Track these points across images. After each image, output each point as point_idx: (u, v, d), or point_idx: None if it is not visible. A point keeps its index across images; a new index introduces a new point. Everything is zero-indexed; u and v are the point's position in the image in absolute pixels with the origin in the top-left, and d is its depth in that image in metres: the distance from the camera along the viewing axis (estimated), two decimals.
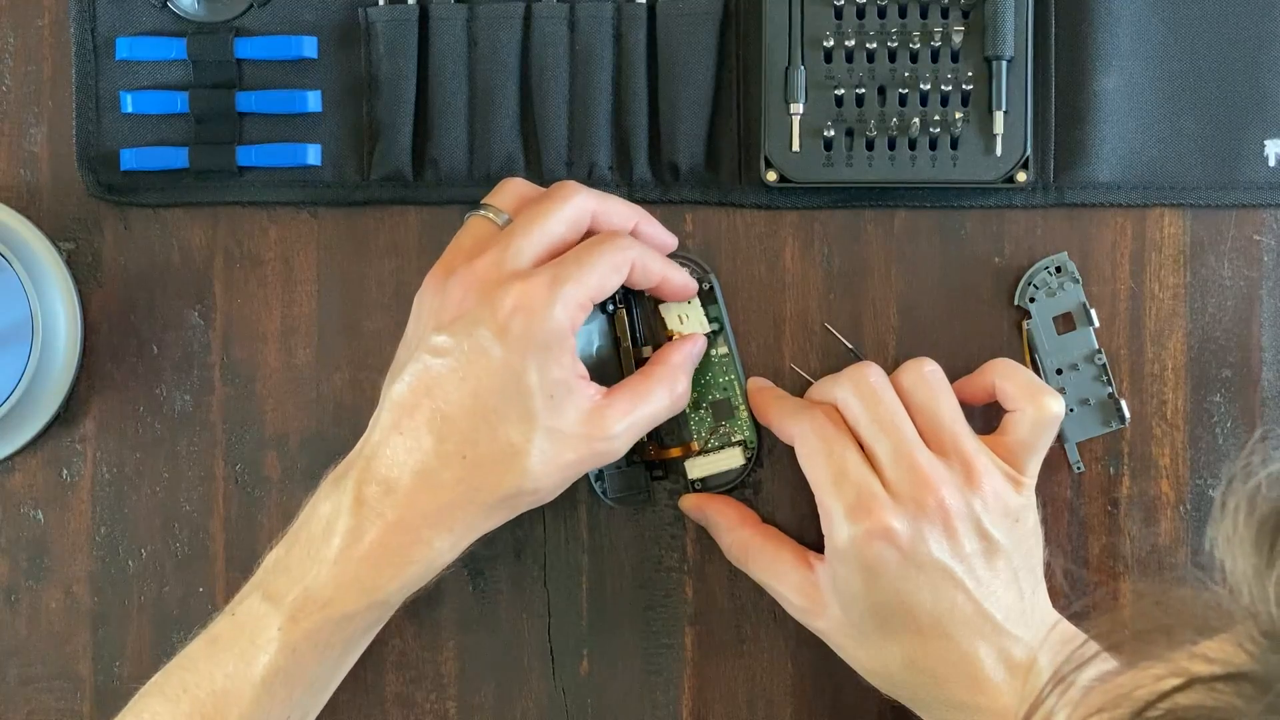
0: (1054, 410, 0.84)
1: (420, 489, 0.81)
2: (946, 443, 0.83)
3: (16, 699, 0.91)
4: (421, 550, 0.81)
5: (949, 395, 0.84)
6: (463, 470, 0.81)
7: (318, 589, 0.81)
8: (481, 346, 0.80)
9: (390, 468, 0.81)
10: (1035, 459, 0.85)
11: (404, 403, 0.81)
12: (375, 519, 0.81)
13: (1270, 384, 0.90)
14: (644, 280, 0.85)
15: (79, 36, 0.90)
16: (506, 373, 0.80)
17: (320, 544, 0.81)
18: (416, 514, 0.81)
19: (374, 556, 0.81)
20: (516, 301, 0.80)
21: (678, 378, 0.85)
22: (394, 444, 0.81)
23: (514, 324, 0.80)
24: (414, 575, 0.82)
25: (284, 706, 0.81)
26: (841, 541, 0.82)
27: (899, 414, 0.83)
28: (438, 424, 0.81)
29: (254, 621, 0.81)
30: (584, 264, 0.81)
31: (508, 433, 0.80)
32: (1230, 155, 0.90)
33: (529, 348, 0.80)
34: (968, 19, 0.88)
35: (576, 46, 0.90)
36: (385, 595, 0.81)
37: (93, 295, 0.91)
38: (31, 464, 0.91)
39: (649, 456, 0.89)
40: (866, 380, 0.84)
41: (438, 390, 0.81)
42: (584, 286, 0.81)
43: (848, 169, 0.88)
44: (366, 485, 0.81)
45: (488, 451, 0.80)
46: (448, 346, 0.81)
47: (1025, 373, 0.86)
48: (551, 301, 0.80)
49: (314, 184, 0.91)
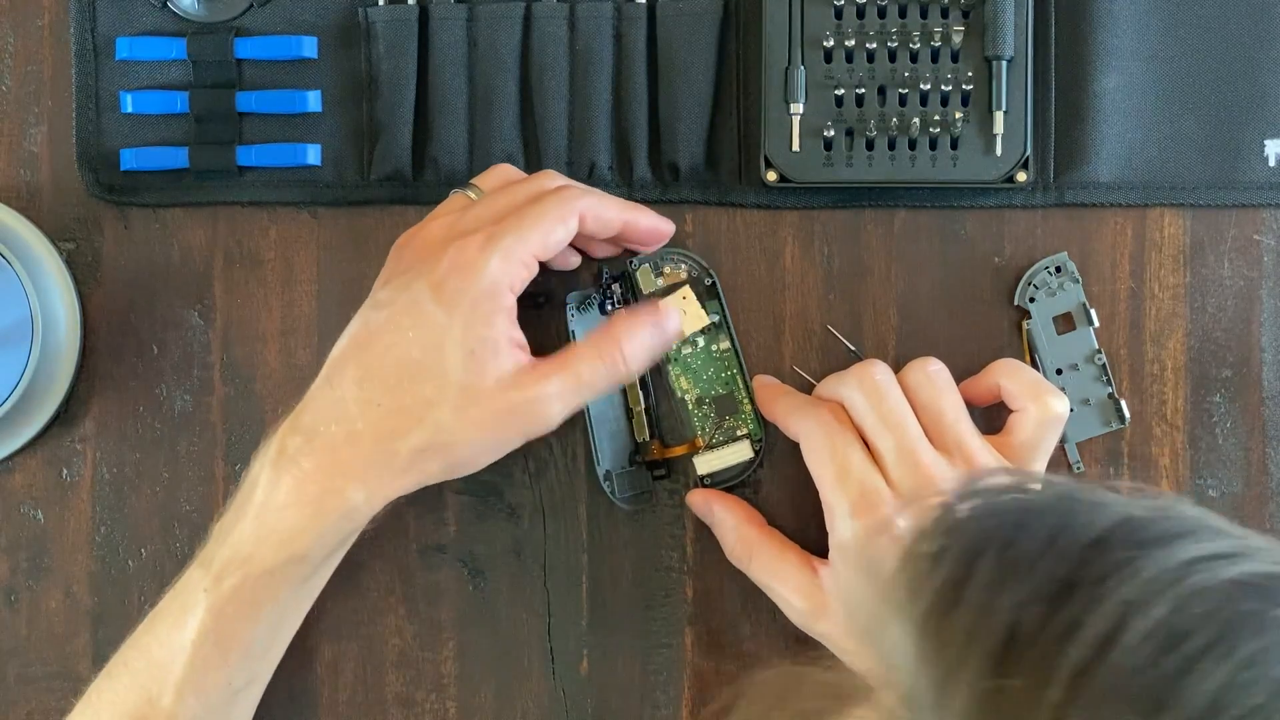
0: (1058, 409, 0.84)
1: (337, 439, 0.81)
2: (950, 441, 0.83)
3: (16, 699, 0.91)
4: (335, 500, 0.81)
5: (953, 394, 0.84)
6: (376, 417, 0.81)
7: (240, 546, 0.81)
8: (416, 300, 0.80)
9: (314, 419, 0.81)
10: (1040, 458, 0.85)
11: (339, 357, 0.82)
12: (292, 469, 0.81)
13: (1270, 384, 0.90)
14: (603, 229, 0.84)
15: (79, 36, 0.90)
16: (434, 327, 0.80)
17: (245, 502, 0.82)
18: (331, 463, 0.81)
19: (289, 507, 0.81)
20: (453, 258, 0.80)
21: (616, 345, 0.82)
22: (321, 396, 0.82)
23: (449, 280, 0.80)
24: (330, 528, 0.81)
25: (220, 670, 0.81)
26: (845, 538, 0.82)
27: (904, 411, 0.83)
28: (361, 375, 0.81)
29: (186, 588, 0.82)
30: (524, 218, 0.81)
31: (423, 386, 0.80)
32: (1230, 155, 0.90)
33: (459, 303, 0.80)
34: (968, 19, 0.88)
35: (576, 46, 0.90)
36: (302, 549, 0.81)
37: (93, 295, 0.91)
38: (31, 464, 0.91)
39: (652, 456, 0.89)
40: (872, 378, 0.84)
41: (370, 343, 0.81)
42: (524, 242, 0.81)
43: (848, 169, 0.88)
44: (290, 437, 0.81)
45: (402, 402, 0.80)
46: (386, 300, 0.82)
47: (1030, 372, 0.86)
48: (487, 258, 0.80)
49: (314, 184, 0.91)
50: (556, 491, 0.90)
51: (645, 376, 0.89)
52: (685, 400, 0.89)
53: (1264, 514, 0.90)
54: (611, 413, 0.89)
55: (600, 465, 0.89)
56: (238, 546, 0.81)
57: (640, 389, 0.89)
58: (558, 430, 0.88)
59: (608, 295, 0.89)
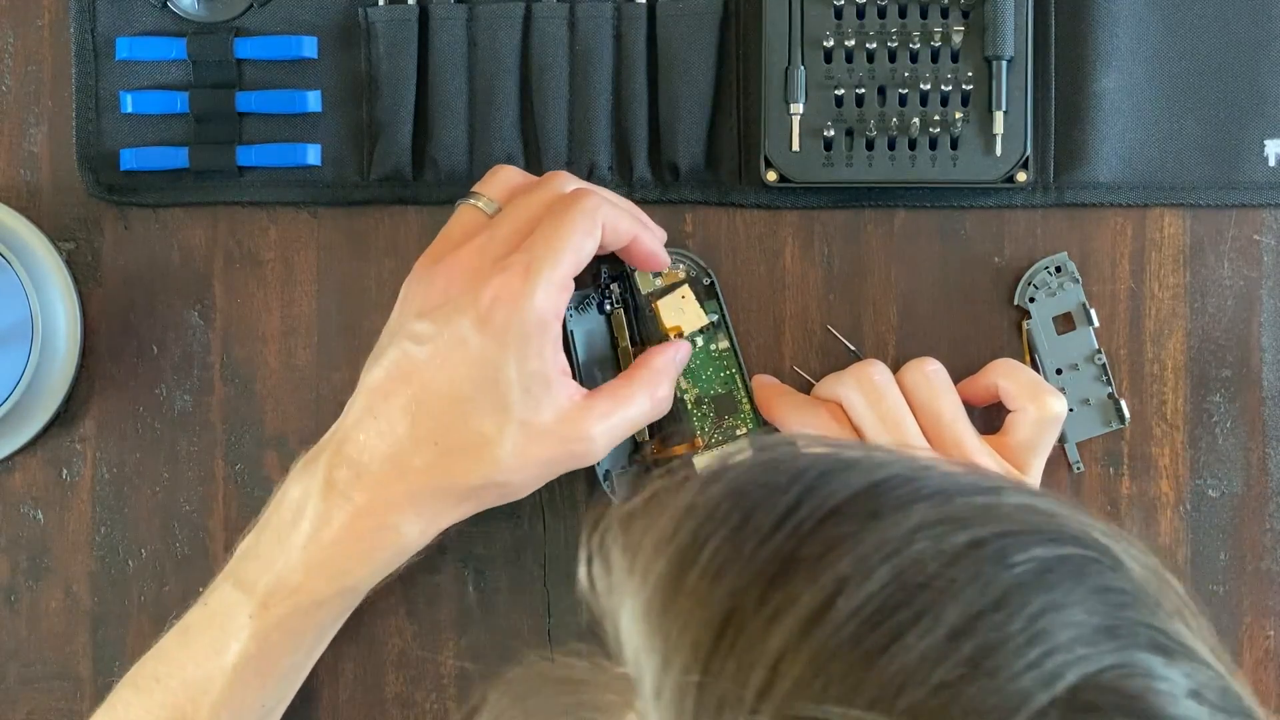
0: (1056, 409, 0.84)
1: (390, 474, 0.80)
2: (948, 441, 0.83)
3: (16, 699, 0.91)
4: (390, 536, 0.81)
5: (951, 394, 0.85)
6: (433, 457, 0.80)
7: (287, 575, 0.81)
8: (461, 335, 0.80)
9: (361, 452, 0.81)
10: (1039, 458, 0.85)
11: (380, 388, 0.81)
12: (344, 503, 0.81)
13: (1270, 384, 0.90)
14: (616, 242, 0.84)
15: (79, 36, 0.90)
16: (484, 363, 0.80)
17: (290, 529, 0.81)
18: (385, 499, 0.81)
19: (343, 542, 0.81)
20: (496, 292, 0.79)
21: (660, 382, 0.84)
22: (367, 428, 0.81)
23: (496, 314, 0.79)
24: (382, 561, 0.82)
25: (257, 695, 0.81)
26: None
27: (902, 411, 0.83)
28: (412, 410, 0.80)
29: (225, 610, 0.81)
30: (557, 241, 0.80)
31: (481, 423, 0.80)
32: (1230, 155, 0.90)
33: (508, 338, 0.79)
34: (968, 19, 0.88)
35: (576, 46, 0.90)
36: (355, 581, 0.81)
37: (93, 295, 0.91)
38: (31, 464, 0.91)
39: (653, 456, 0.89)
40: (870, 378, 0.84)
41: (415, 377, 0.80)
42: (561, 266, 0.80)
43: (848, 169, 0.88)
44: (337, 469, 0.81)
45: (459, 440, 0.80)
46: (428, 334, 0.81)
47: (1027, 372, 0.86)
48: (532, 290, 0.79)
49: (314, 184, 0.91)
50: (556, 491, 0.90)
51: None
52: (684, 400, 0.89)
53: (1264, 514, 0.90)
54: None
55: (600, 465, 0.89)
56: (285, 577, 0.81)
57: None
58: None
59: (606, 295, 0.89)
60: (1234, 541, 0.90)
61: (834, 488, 0.49)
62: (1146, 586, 0.49)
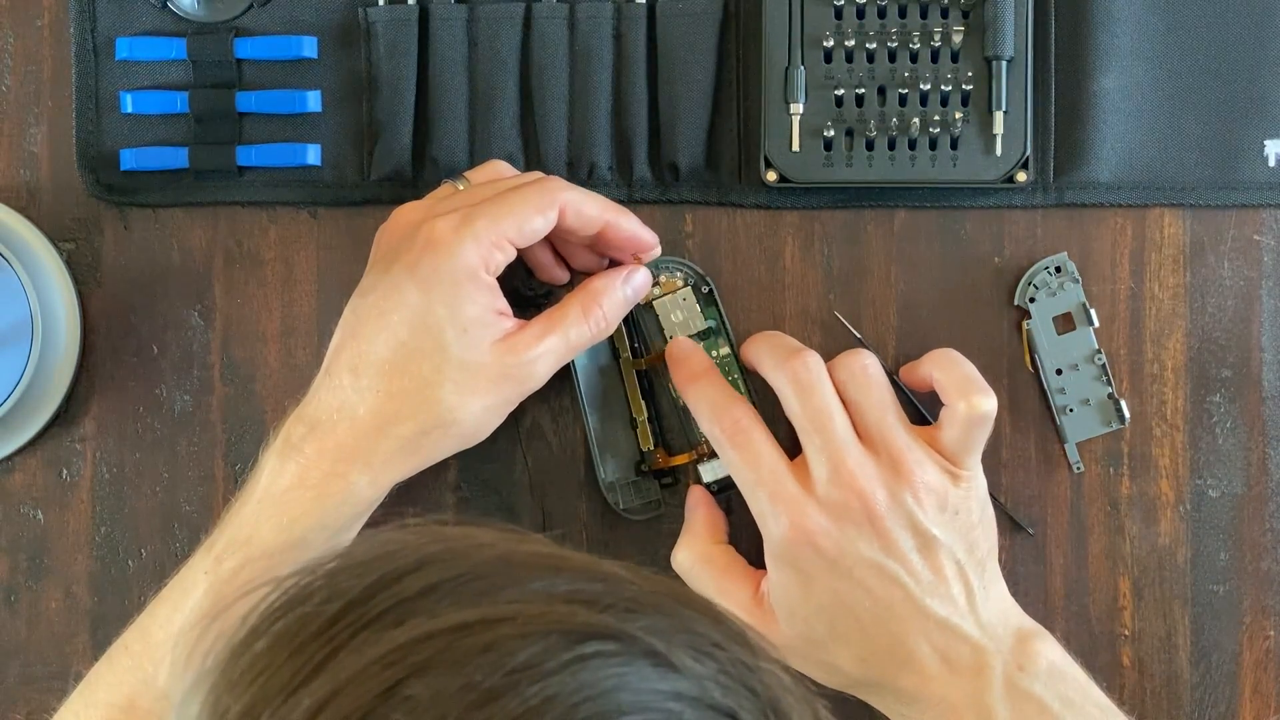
0: (985, 408, 0.83)
1: (338, 424, 0.81)
2: (875, 438, 0.83)
3: (16, 699, 0.91)
4: (337, 484, 0.81)
5: (882, 389, 0.84)
6: (377, 403, 0.81)
7: (239, 529, 0.82)
8: (396, 283, 0.81)
9: (316, 409, 0.82)
10: (970, 455, 0.84)
11: (334, 346, 0.83)
12: (296, 455, 0.82)
13: (1270, 384, 0.90)
14: (584, 226, 0.84)
15: (79, 36, 0.90)
16: (414, 307, 0.81)
17: (250, 487, 0.83)
18: (333, 449, 0.81)
19: (291, 491, 0.81)
20: (425, 239, 0.81)
21: (596, 301, 0.84)
22: (322, 387, 0.82)
23: (423, 261, 0.81)
24: (332, 511, 0.82)
25: None
26: (773, 546, 0.82)
27: (832, 408, 0.83)
28: (356, 361, 0.82)
29: (188, 571, 0.83)
30: (500, 203, 0.81)
31: (419, 366, 0.81)
32: (1230, 155, 0.90)
33: (435, 284, 0.80)
34: (968, 19, 0.88)
35: (576, 46, 0.90)
36: (303, 531, 0.81)
37: (93, 295, 0.91)
38: (31, 464, 0.91)
39: (657, 465, 0.89)
40: (800, 375, 0.84)
41: (360, 329, 0.82)
42: (497, 225, 0.81)
43: (848, 169, 0.88)
44: (294, 426, 0.82)
45: (401, 385, 0.81)
46: (369, 285, 0.82)
47: (962, 366, 0.85)
48: (460, 239, 0.80)
49: (314, 184, 0.91)
50: (557, 493, 0.90)
51: (647, 385, 0.89)
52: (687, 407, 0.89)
53: (1264, 514, 0.90)
54: (611, 424, 0.89)
55: (604, 476, 0.89)
56: (238, 528, 0.82)
57: (643, 399, 0.89)
58: (557, 430, 0.88)
59: None
60: (1234, 541, 0.90)
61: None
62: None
